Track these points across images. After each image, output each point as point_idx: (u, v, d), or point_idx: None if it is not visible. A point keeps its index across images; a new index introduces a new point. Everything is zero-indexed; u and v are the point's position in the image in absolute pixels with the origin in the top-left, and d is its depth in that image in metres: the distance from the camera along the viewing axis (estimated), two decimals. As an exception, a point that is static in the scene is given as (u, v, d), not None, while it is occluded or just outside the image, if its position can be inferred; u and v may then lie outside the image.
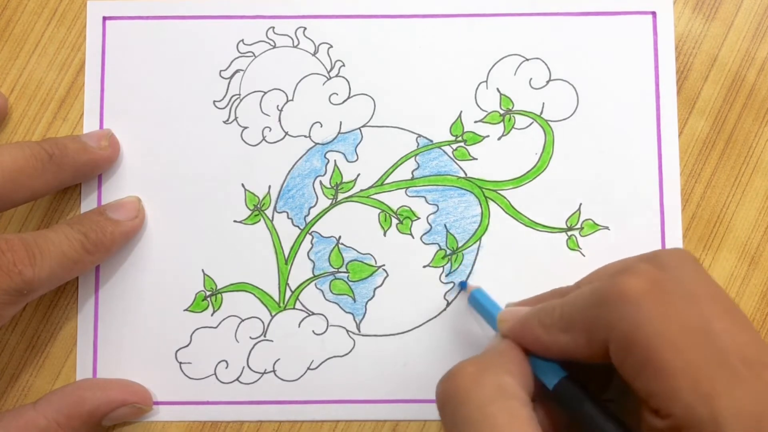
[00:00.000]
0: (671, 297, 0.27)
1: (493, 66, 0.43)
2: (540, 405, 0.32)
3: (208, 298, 0.41)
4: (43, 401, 0.38)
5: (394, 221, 0.42)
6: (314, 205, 0.42)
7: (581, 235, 0.42)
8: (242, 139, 0.42)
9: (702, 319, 0.27)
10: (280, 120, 0.42)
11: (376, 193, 0.42)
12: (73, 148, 0.39)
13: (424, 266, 0.42)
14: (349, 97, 0.43)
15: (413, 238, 0.42)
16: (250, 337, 0.41)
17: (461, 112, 0.42)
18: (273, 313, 0.41)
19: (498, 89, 0.43)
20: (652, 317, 0.26)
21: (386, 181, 0.42)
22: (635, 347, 0.26)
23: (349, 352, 0.41)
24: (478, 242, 0.42)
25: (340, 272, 0.42)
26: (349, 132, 0.42)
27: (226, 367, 0.41)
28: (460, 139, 0.42)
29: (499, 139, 0.42)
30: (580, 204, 0.42)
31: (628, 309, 0.26)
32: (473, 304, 0.39)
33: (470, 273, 0.41)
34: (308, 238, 0.42)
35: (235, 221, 0.42)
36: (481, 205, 0.42)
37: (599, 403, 0.29)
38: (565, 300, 0.30)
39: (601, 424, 0.28)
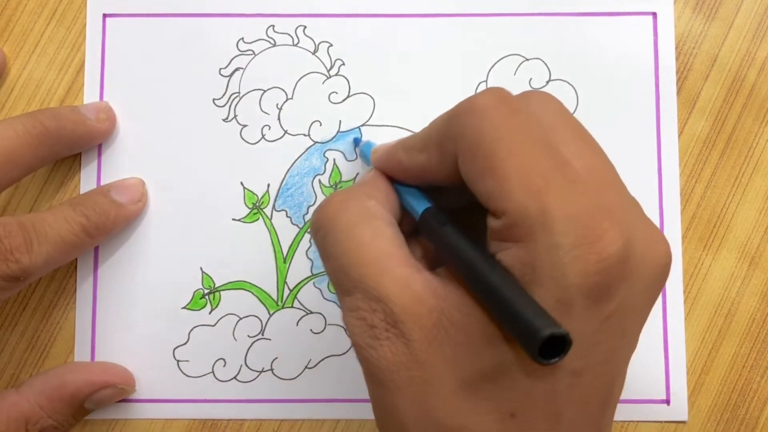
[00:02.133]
0: (519, 112, 0.27)
1: (493, 66, 0.43)
2: (416, 242, 0.32)
3: (206, 296, 0.41)
4: (25, 385, 0.38)
5: (394, 220, 0.42)
6: (313, 204, 0.42)
7: (581, 235, 0.41)
8: (241, 137, 0.42)
9: (547, 135, 0.27)
10: (279, 118, 0.42)
11: (376, 192, 0.42)
12: (71, 120, 0.39)
13: (423, 265, 0.42)
14: (348, 96, 0.43)
15: (412, 237, 0.42)
16: (248, 336, 0.41)
17: (461, 111, 0.42)
18: (271, 312, 0.41)
19: (498, 89, 0.43)
20: (496, 125, 0.27)
21: (385, 181, 0.42)
22: (478, 151, 0.26)
23: (347, 350, 0.41)
24: (477, 242, 0.41)
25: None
26: (348, 131, 0.42)
27: (224, 366, 0.41)
28: (459, 138, 0.42)
29: (498, 138, 0.42)
30: (580, 204, 0.42)
31: (476, 118, 0.27)
32: (364, 159, 0.39)
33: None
34: (307, 236, 0.42)
35: (233, 219, 0.42)
36: (480, 204, 0.42)
37: (458, 228, 0.29)
38: (425, 126, 0.31)
39: (453, 239, 0.28)
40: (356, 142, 0.42)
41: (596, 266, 0.25)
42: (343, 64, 0.43)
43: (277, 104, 0.42)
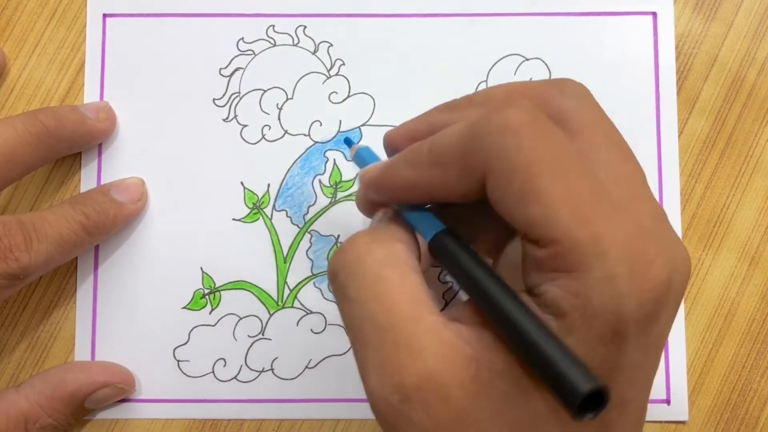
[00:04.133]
0: (557, 133, 0.26)
1: (493, 66, 0.43)
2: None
3: (207, 296, 0.41)
4: (25, 384, 0.38)
5: (394, 220, 0.42)
6: (313, 204, 0.42)
7: (581, 235, 0.42)
8: (242, 137, 0.42)
9: (586, 148, 0.26)
10: (279, 118, 0.42)
11: (376, 192, 0.42)
12: (71, 119, 0.39)
13: (423, 265, 0.41)
14: (348, 96, 0.43)
15: (412, 237, 0.42)
16: (249, 336, 0.41)
17: (461, 111, 0.42)
18: (271, 312, 0.41)
19: (498, 89, 0.43)
20: (534, 145, 0.25)
21: (386, 180, 0.42)
22: (516, 174, 0.25)
23: (347, 350, 0.41)
24: (477, 241, 0.41)
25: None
26: (348, 131, 0.42)
27: (224, 366, 0.41)
28: (459, 138, 0.42)
29: (498, 138, 0.42)
30: (580, 204, 0.42)
31: (510, 138, 0.25)
32: (359, 163, 0.36)
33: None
34: (307, 236, 0.42)
35: (234, 219, 0.42)
36: (480, 204, 0.42)
37: (477, 257, 0.27)
38: (434, 137, 0.28)
39: (481, 279, 0.26)
40: (348, 143, 0.39)
41: (650, 295, 0.24)
42: (343, 64, 0.43)
43: (278, 104, 0.42)
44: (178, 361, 0.41)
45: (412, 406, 0.24)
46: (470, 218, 0.30)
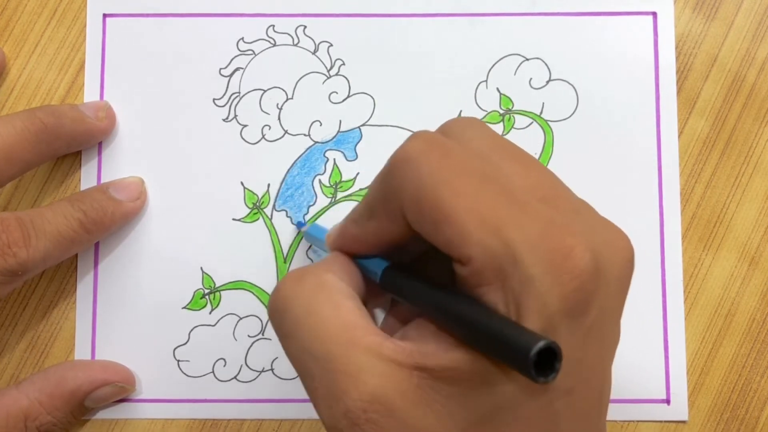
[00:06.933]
0: (451, 150, 0.26)
1: (493, 66, 0.43)
2: (390, 315, 0.31)
3: (207, 296, 0.41)
4: (26, 382, 0.38)
5: (394, 220, 0.42)
6: (313, 204, 0.42)
7: (581, 235, 0.42)
8: (242, 137, 0.42)
9: (486, 164, 0.27)
10: (279, 118, 0.42)
11: (376, 192, 0.42)
12: (70, 117, 0.40)
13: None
14: (348, 96, 0.43)
15: (412, 237, 0.42)
16: (249, 336, 0.41)
17: (461, 111, 0.42)
18: (271, 312, 0.41)
19: (498, 89, 0.43)
20: (434, 169, 0.26)
21: (386, 180, 0.42)
22: (423, 203, 0.25)
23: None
24: (477, 241, 0.41)
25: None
26: (348, 131, 0.42)
27: (224, 365, 0.41)
28: (459, 138, 0.42)
29: (498, 138, 0.42)
30: (580, 204, 0.42)
31: (411, 168, 0.26)
32: (311, 241, 0.39)
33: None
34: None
35: (234, 219, 0.42)
36: (480, 204, 0.42)
37: (422, 278, 0.28)
38: (367, 192, 0.30)
39: (422, 288, 0.27)
40: (299, 225, 0.41)
41: (571, 285, 0.24)
42: (343, 64, 0.43)
43: (277, 104, 0.42)
44: (178, 361, 0.41)
45: (361, 428, 0.25)
46: (440, 265, 0.31)
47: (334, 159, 0.42)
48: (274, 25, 0.43)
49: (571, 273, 0.24)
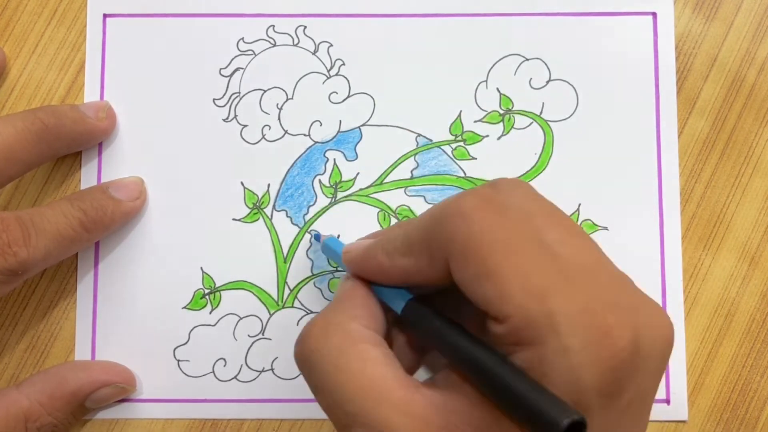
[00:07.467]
0: (504, 211, 0.27)
1: (493, 66, 0.43)
2: (401, 334, 0.32)
3: (207, 296, 0.41)
4: (26, 382, 0.38)
5: (393, 220, 0.42)
6: (313, 204, 0.42)
7: (581, 235, 0.42)
8: (242, 137, 0.42)
9: (534, 229, 0.27)
10: (279, 118, 0.42)
11: (376, 192, 0.42)
12: (71, 117, 0.40)
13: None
14: (348, 96, 0.43)
15: (412, 237, 0.42)
16: (249, 336, 0.41)
17: (461, 111, 0.42)
18: (271, 312, 0.41)
19: (498, 89, 0.43)
20: (485, 227, 0.26)
21: (385, 180, 0.42)
22: (471, 256, 0.26)
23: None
24: (477, 241, 0.41)
25: (339, 271, 0.42)
26: (348, 131, 0.42)
27: (224, 365, 0.41)
28: (459, 138, 0.42)
29: (498, 138, 0.42)
30: (579, 204, 0.42)
31: (464, 222, 0.27)
32: (327, 254, 0.39)
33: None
34: (307, 236, 0.42)
35: (234, 219, 0.42)
36: (480, 204, 0.42)
37: (448, 320, 0.28)
38: (406, 226, 0.30)
39: (451, 336, 0.27)
40: (317, 237, 0.41)
41: (609, 363, 0.24)
42: (343, 64, 0.43)
43: (277, 104, 0.42)
44: (178, 361, 0.41)
45: None
46: (455, 301, 0.31)
47: (334, 159, 0.42)
48: (274, 25, 0.43)
49: (609, 351, 0.24)
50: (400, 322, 0.32)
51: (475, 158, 0.42)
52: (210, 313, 0.41)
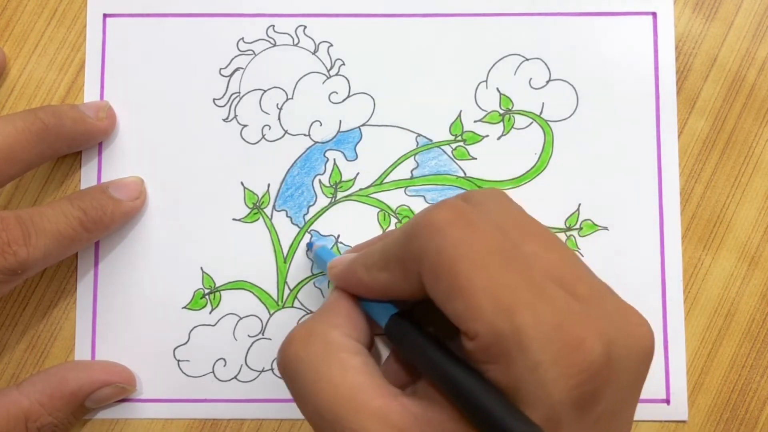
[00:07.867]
0: (476, 224, 0.27)
1: (493, 66, 0.43)
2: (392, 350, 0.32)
3: (207, 296, 0.41)
4: (26, 383, 0.38)
5: (393, 220, 0.42)
6: (313, 204, 0.42)
7: (580, 236, 0.42)
8: (242, 137, 0.42)
9: (507, 242, 0.27)
10: (279, 118, 0.42)
11: (376, 192, 0.42)
12: (71, 117, 0.40)
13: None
14: (348, 96, 0.43)
15: (412, 237, 0.42)
16: (249, 336, 0.41)
17: (461, 111, 0.42)
18: (271, 312, 0.41)
19: (498, 89, 0.43)
20: (456, 242, 0.26)
21: (385, 180, 0.42)
22: (442, 272, 0.26)
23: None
24: (477, 241, 0.41)
25: (338, 272, 0.42)
26: (348, 131, 0.42)
27: (224, 365, 0.41)
28: (459, 138, 0.42)
29: (498, 138, 0.42)
30: (579, 204, 0.42)
31: (435, 237, 0.27)
32: (318, 264, 0.39)
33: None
34: (307, 236, 0.42)
35: (234, 219, 0.42)
36: (480, 204, 0.42)
37: (429, 335, 0.29)
38: (385, 240, 0.30)
39: (429, 353, 0.28)
40: (309, 246, 0.41)
41: (579, 377, 0.24)
42: (344, 64, 0.43)
43: (278, 104, 0.42)
44: (178, 361, 0.41)
45: None
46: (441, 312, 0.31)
47: (334, 159, 0.42)
48: (274, 25, 0.43)
49: (579, 365, 0.24)
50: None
51: (475, 158, 0.42)
52: (210, 313, 0.41)
